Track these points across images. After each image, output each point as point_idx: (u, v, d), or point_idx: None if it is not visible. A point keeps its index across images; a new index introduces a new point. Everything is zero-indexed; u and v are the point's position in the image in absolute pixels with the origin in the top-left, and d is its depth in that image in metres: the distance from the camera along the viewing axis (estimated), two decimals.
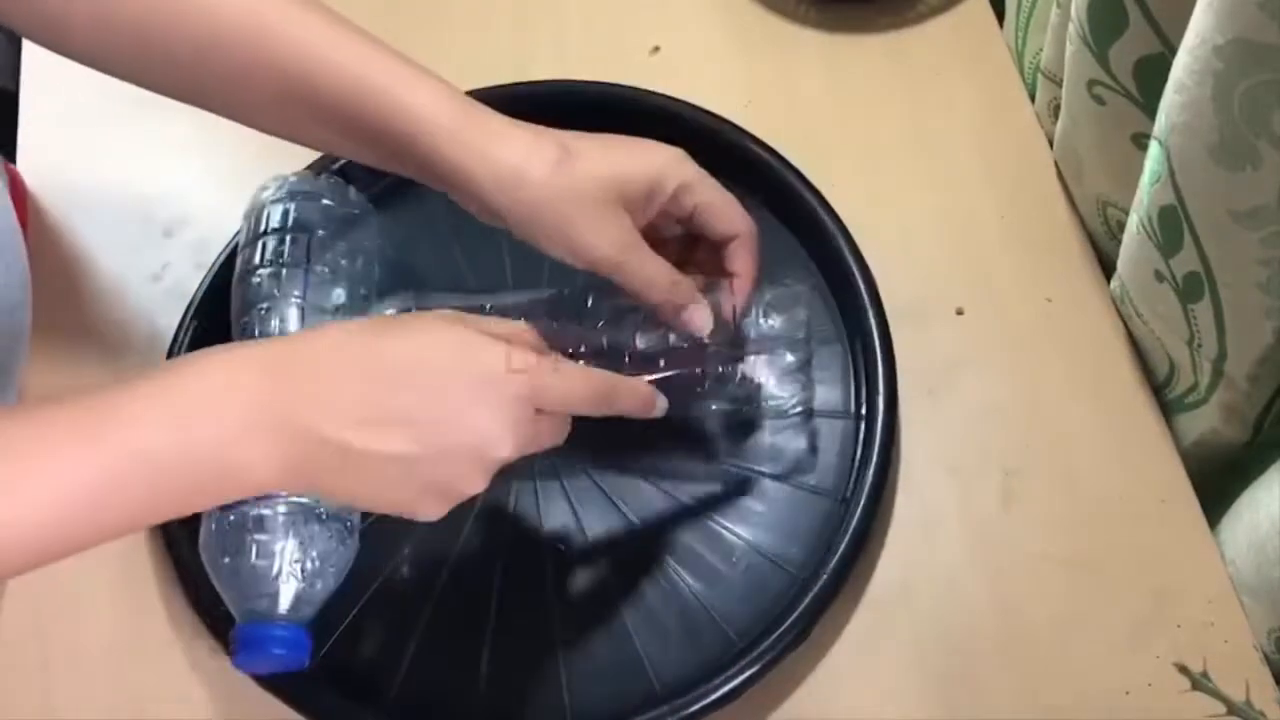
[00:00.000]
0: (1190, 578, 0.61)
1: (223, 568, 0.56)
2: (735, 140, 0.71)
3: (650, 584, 0.62)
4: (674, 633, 0.61)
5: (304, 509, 0.57)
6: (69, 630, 0.64)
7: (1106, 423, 0.65)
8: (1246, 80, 0.46)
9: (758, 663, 0.57)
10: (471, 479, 0.50)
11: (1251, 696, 0.57)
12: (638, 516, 0.64)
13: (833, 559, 0.59)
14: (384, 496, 0.49)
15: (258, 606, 0.56)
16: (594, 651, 0.61)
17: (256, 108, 0.56)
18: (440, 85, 0.55)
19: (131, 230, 0.75)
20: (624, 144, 0.57)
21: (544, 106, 0.74)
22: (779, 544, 0.62)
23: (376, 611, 0.62)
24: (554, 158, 0.54)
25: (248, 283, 0.63)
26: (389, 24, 0.82)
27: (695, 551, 0.63)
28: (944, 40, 0.78)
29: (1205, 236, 0.54)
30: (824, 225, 0.68)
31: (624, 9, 0.82)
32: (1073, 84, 0.64)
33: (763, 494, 0.64)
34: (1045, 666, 0.60)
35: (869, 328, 0.65)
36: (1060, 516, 0.63)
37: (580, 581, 0.62)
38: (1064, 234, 0.71)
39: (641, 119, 0.73)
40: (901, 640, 0.61)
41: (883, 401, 0.63)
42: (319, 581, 0.57)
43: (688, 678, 0.58)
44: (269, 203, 0.65)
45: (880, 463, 0.61)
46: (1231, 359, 0.58)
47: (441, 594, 0.63)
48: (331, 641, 0.61)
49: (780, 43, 0.79)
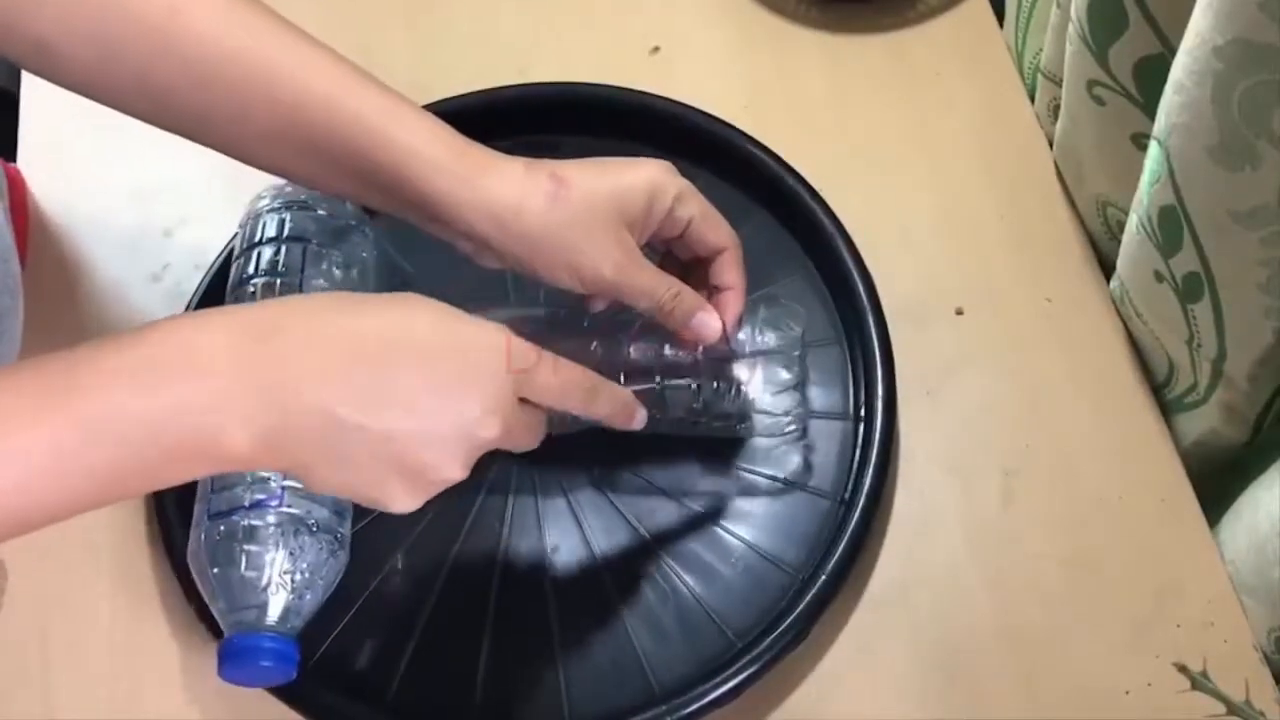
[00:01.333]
0: (1190, 578, 0.61)
1: (211, 578, 0.56)
2: (734, 141, 0.72)
3: (649, 585, 0.62)
4: (672, 633, 0.61)
5: (294, 519, 0.56)
6: (69, 630, 0.64)
7: (1106, 423, 0.65)
8: (1246, 80, 0.46)
9: (756, 663, 0.57)
10: (453, 463, 0.48)
11: (1251, 696, 0.57)
12: (636, 517, 0.64)
13: (831, 560, 0.59)
14: (360, 477, 0.47)
15: (245, 618, 0.55)
16: (592, 652, 0.61)
17: (249, 142, 0.55)
18: (433, 122, 0.54)
19: (131, 230, 0.75)
20: (614, 164, 0.56)
21: (541, 109, 0.74)
22: (778, 545, 0.62)
23: (375, 612, 0.62)
24: (549, 189, 0.53)
25: (241, 292, 0.63)
26: (388, 24, 0.82)
27: (694, 552, 0.63)
28: (944, 40, 0.78)
29: (1205, 237, 0.54)
30: (822, 226, 0.68)
31: (624, 9, 0.82)
32: (1073, 84, 0.64)
33: (762, 495, 0.64)
34: (1045, 666, 0.60)
35: (868, 330, 0.65)
36: (1060, 516, 0.63)
37: (578, 582, 0.62)
38: (1064, 234, 0.71)
39: (639, 120, 0.73)
40: (901, 640, 0.61)
41: (881, 403, 0.63)
42: (308, 594, 0.56)
43: (686, 678, 0.58)
44: (265, 212, 0.65)
45: (879, 464, 0.61)
46: (1231, 359, 0.58)
47: (440, 594, 0.63)
48: (330, 641, 0.61)
49: (780, 43, 0.79)
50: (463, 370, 0.48)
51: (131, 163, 0.77)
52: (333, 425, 0.45)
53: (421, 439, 0.47)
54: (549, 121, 0.74)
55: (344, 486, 0.47)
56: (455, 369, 0.48)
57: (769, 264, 0.69)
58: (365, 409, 0.45)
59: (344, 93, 0.53)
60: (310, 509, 0.57)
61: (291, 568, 0.55)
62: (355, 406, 0.45)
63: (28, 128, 0.79)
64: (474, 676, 0.61)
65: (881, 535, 0.63)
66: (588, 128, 0.74)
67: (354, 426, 0.45)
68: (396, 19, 0.83)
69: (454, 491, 0.63)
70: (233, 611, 0.55)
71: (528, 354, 0.50)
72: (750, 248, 0.69)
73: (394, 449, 0.46)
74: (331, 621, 0.62)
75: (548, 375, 0.51)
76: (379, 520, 0.64)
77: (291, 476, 0.46)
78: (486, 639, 0.61)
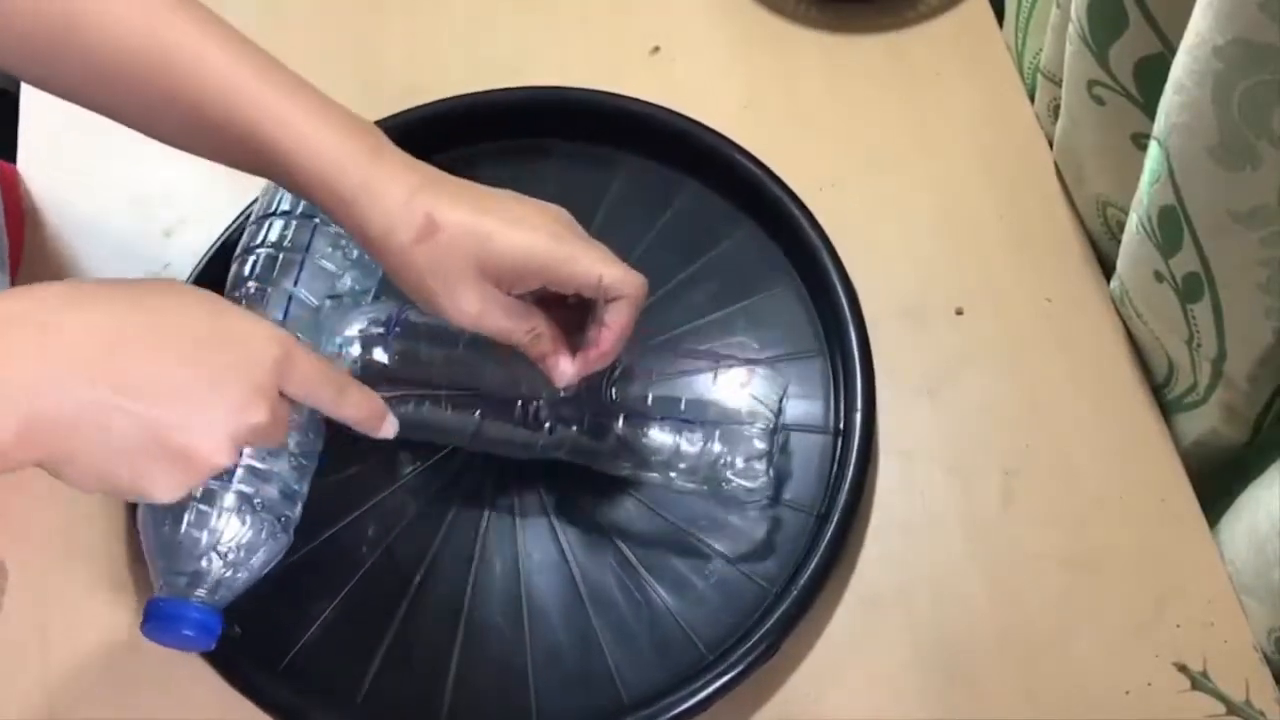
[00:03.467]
0: (1190, 578, 0.61)
1: (157, 535, 0.57)
2: (721, 150, 0.71)
3: (622, 594, 0.62)
4: (644, 644, 0.60)
5: (243, 497, 0.58)
6: (69, 630, 0.64)
7: (1106, 423, 0.65)
8: (1246, 80, 0.46)
9: (725, 676, 0.57)
10: (220, 448, 0.48)
11: (1251, 696, 0.57)
12: (612, 527, 0.63)
13: (804, 576, 0.59)
14: (124, 465, 0.46)
15: (177, 582, 0.57)
16: (563, 661, 0.60)
17: (171, 137, 0.56)
18: (329, 128, 0.53)
19: (131, 230, 0.75)
20: (499, 216, 0.54)
21: (530, 113, 0.74)
22: (752, 558, 0.62)
23: (346, 617, 0.62)
24: (419, 230, 0.52)
25: (244, 259, 0.65)
26: (388, 24, 0.82)
27: (669, 563, 0.62)
28: (944, 40, 0.78)
29: (1205, 236, 0.54)
30: (806, 237, 0.68)
31: (624, 9, 0.82)
32: (1073, 84, 0.64)
33: (738, 508, 0.63)
34: (1045, 666, 0.60)
35: (849, 344, 0.65)
36: (1060, 517, 0.63)
37: (551, 590, 0.62)
38: (1064, 234, 0.71)
39: (627, 126, 0.73)
40: (900, 640, 0.61)
41: (860, 419, 0.62)
42: (242, 571, 0.58)
43: (656, 689, 0.58)
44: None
45: (855, 481, 0.61)
46: (1231, 359, 0.58)
47: (413, 599, 0.62)
48: (301, 644, 0.61)
49: (780, 43, 0.79)
50: (231, 358, 0.48)
51: (131, 164, 0.77)
52: (98, 412, 0.45)
53: (188, 423, 0.47)
54: (537, 126, 0.74)
55: (106, 476, 0.47)
56: (223, 357, 0.48)
57: (755, 274, 0.69)
58: (133, 395, 0.46)
59: (240, 98, 0.53)
60: (260, 488, 0.59)
61: (232, 543, 0.57)
62: (122, 393, 0.45)
63: (27, 128, 0.79)
64: (444, 680, 0.60)
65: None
66: (577, 133, 0.74)
67: (121, 412, 0.45)
68: (395, 18, 0.83)
69: (431, 498, 0.64)
70: (169, 573, 0.57)
71: (286, 342, 0.50)
72: (737, 257, 0.70)
73: (160, 434, 0.46)
74: (303, 624, 0.62)
75: (306, 367, 0.51)
76: (354, 523, 0.64)
77: (51, 469, 0.46)
78: (458, 644, 0.61)
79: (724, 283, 0.69)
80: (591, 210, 0.71)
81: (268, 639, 0.61)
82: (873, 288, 0.68)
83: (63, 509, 0.66)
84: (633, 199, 0.73)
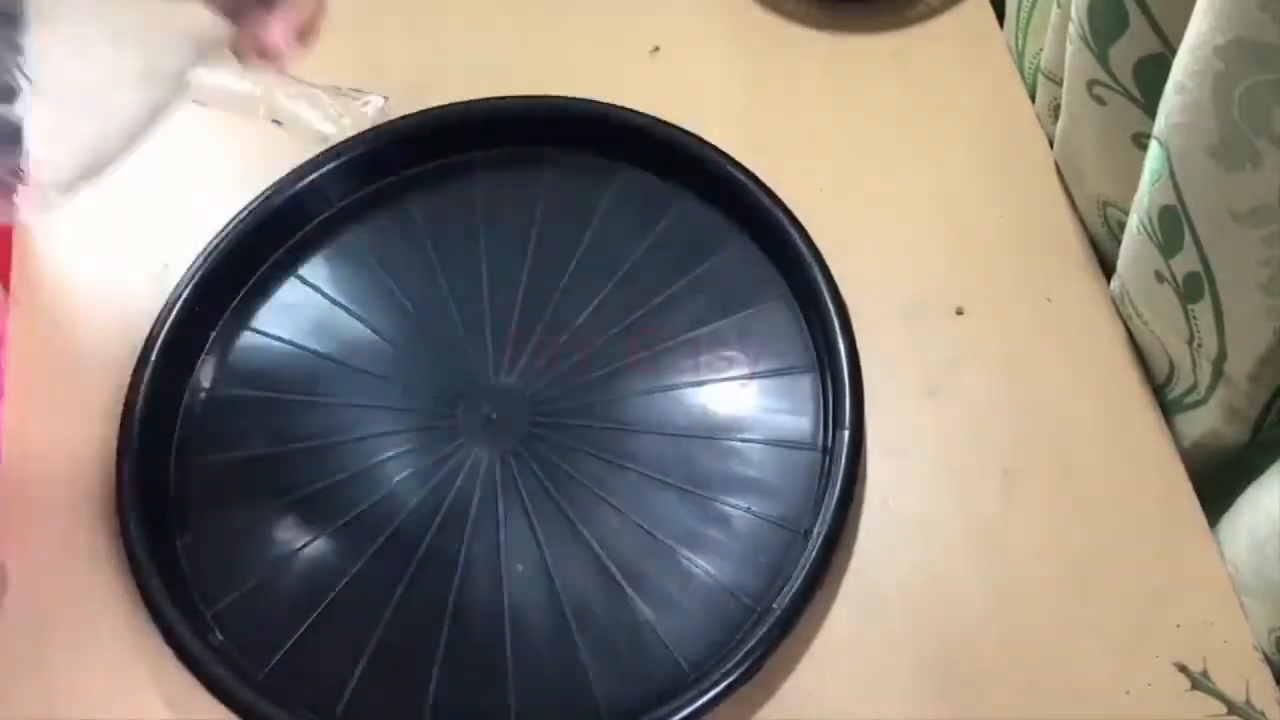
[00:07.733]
0: (1190, 578, 0.61)
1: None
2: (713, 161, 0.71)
3: (605, 610, 0.61)
4: (625, 660, 0.60)
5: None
6: (69, 630, 0.64)
7: (1106, 423, 0.65)
8: (1246, 80, 0.46)
9: (705, 694, 0.57)
10: None
11: (1251, 696, 0.57)
12: (597, 540, 0.63)
13: (788, 594, 0.59)
14: None
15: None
16: (544, 675, 0.60)
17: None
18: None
19: (131, 230, 0.75)
20: None
21: (524, 122, 0.74)
22: (737, 574, 0.62)
23: (326, 627, 0.62)
24: None
25: None
26: (387, 24, 0.82)
27: (653, 579, 0.62)
28: (944, 40, 0.78)
29: (1205, 236, 0.54)
30: (799, 253, 0.67)
31: (624, 9, 0.82)
32: (1073, 84, 0.64)
33: (724, 522, 0.63)
34: (1045, 666, 0.60)
35: (839, 362, 0.64)
36: (1060, 516, 0.63)
37: (534, 604, 0.61)
38: (1064, 234, 0.71)
39: (623, 136, 0.73)
40: (900, 640, 0.61)
41: (848, 437, 0.62)
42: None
43: (636, 706, 0.58)
44: None
45: (841, 500, 0.61)
46: (1232, 359, 0.58)
47: (395, 610, 0.62)
48: (280, 656, 0.61)
49: (780, 42, 0.79)
50: None
51: (131, 163, 0.77)
52: None
53: None
54: (532, 134, 0.74)
55: None
56: None
57: (747, 288, 0.69)
58: None
59: None
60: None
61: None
62: None
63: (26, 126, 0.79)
64: (425, 691, 0.60)
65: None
66: (572, 142, 0.74)
67: None
68: (395, 18, 0.83)
69: (413, 510, 0.64)
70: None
71: None
72: (731, 272, 0.70)
73: None
74: (283, 636, 0.61)
75: None
76: (334, 534, 0.64)
77: None
78: (439, 658, 0.61)
79: (716, 296, 0.69)
80: (585, 221, 0.71)
81: (248, 650, 0.61)
82: (872, 287, 0.68)
83: (63, 510, 0.66)
84: (626, 210, 0.72)
